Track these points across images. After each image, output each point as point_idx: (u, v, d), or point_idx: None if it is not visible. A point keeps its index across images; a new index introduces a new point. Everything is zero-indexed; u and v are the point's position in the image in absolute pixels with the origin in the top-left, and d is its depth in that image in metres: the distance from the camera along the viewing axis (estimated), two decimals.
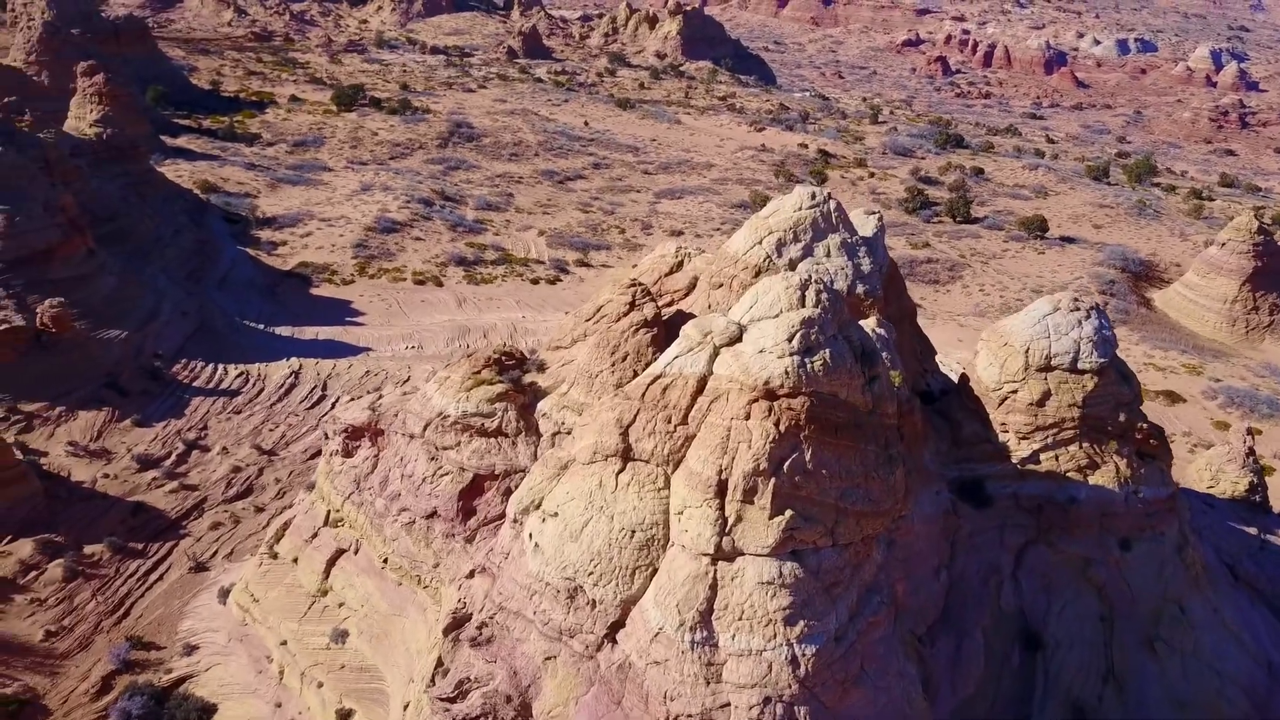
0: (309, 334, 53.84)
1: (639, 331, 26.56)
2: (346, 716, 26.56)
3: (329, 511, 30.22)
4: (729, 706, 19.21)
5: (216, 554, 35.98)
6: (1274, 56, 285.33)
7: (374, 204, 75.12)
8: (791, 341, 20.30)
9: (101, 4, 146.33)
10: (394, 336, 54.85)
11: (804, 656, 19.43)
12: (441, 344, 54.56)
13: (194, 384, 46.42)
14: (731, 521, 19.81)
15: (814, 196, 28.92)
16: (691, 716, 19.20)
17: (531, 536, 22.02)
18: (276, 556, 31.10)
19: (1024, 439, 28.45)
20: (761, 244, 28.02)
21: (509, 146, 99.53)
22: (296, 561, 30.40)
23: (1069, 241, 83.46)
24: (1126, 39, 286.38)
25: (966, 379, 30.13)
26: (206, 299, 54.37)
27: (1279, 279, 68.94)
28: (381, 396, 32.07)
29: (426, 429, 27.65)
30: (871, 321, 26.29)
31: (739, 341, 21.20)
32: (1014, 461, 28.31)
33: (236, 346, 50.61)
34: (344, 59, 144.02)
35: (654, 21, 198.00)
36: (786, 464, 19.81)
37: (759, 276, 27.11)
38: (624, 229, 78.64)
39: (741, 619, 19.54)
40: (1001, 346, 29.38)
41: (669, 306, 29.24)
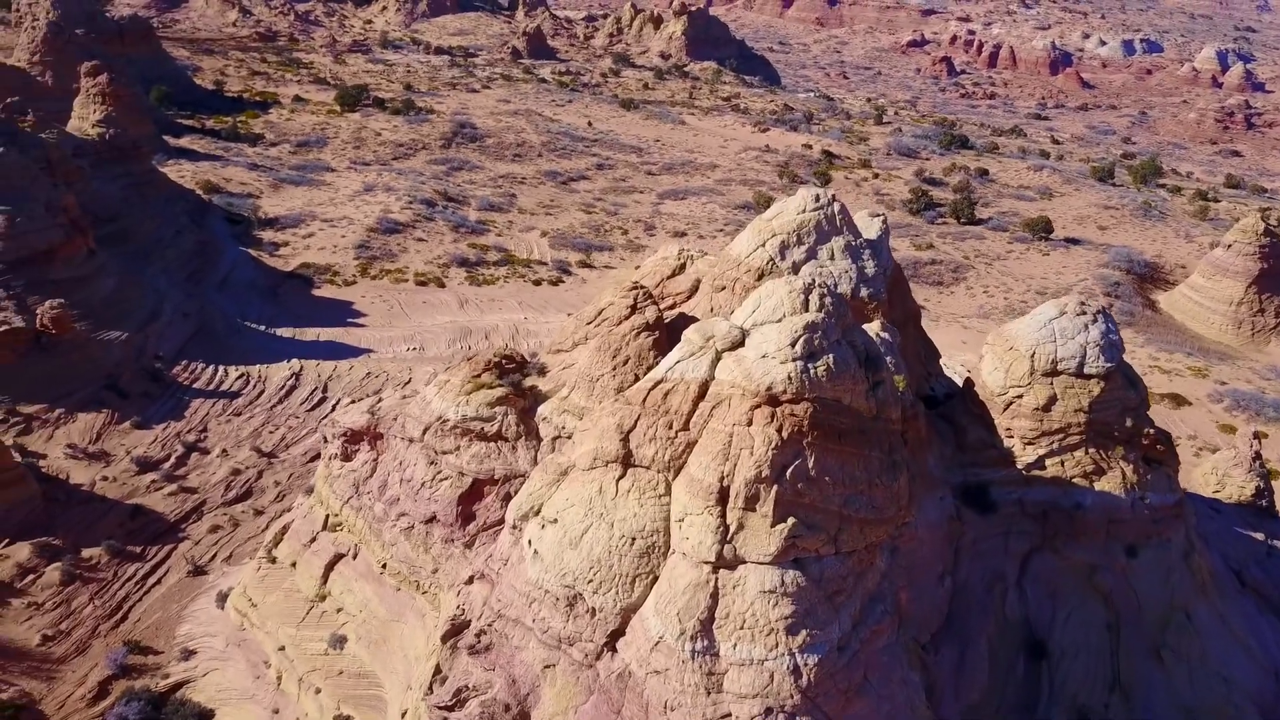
0: (310, 335, 53.64)
1: (640, 335, 26.29)
2: None
3: (327, 516, 29.99)
4: (730, 717, 18.94)
5: (215, 557, 35.79)
6: None
7: (376, 204, 74.94)
8: (794, 346, 20.03)
9: (106, 4, 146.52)
10: (395, 338, 54.64)
11: (806, 666, 19.16)
12: (443, 345, 54.34)
13: (194, 386, 46.24)
14: (733, 529, 19.55)
15: (818, 199, 28.66)
16: None
17: (531, 543, 21.77)
18: (275, 561, 30.87)
19: (1029, 444, 28.17)
20: (765, 246, 27.77)
21: (512, 147, 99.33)
22: (295, 566, 30.17)
23: (1074, 243, 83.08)
24: (1132, 39, 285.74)
25: (971, 383, 29.84)
26: (207, 300, 54.21)
27: None
28: (381, 400, 31.84)
29: (426, 433, 27.40)
30: (875, 325, 26.03)
31: (741, 346, 20.95)
32: (1019, 467, 28.02)
33: (237, 348, 50.42)
34: (348, 59, 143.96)
35: (659, 22, 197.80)
36: (789, 471, 19.54)
37: (762, 279, 26.86)
38: (627, 230, 78.40)
39: (743, 628, 19.27)
40: (1007, 350, 29.09)
41: (671, 309, 28.98)
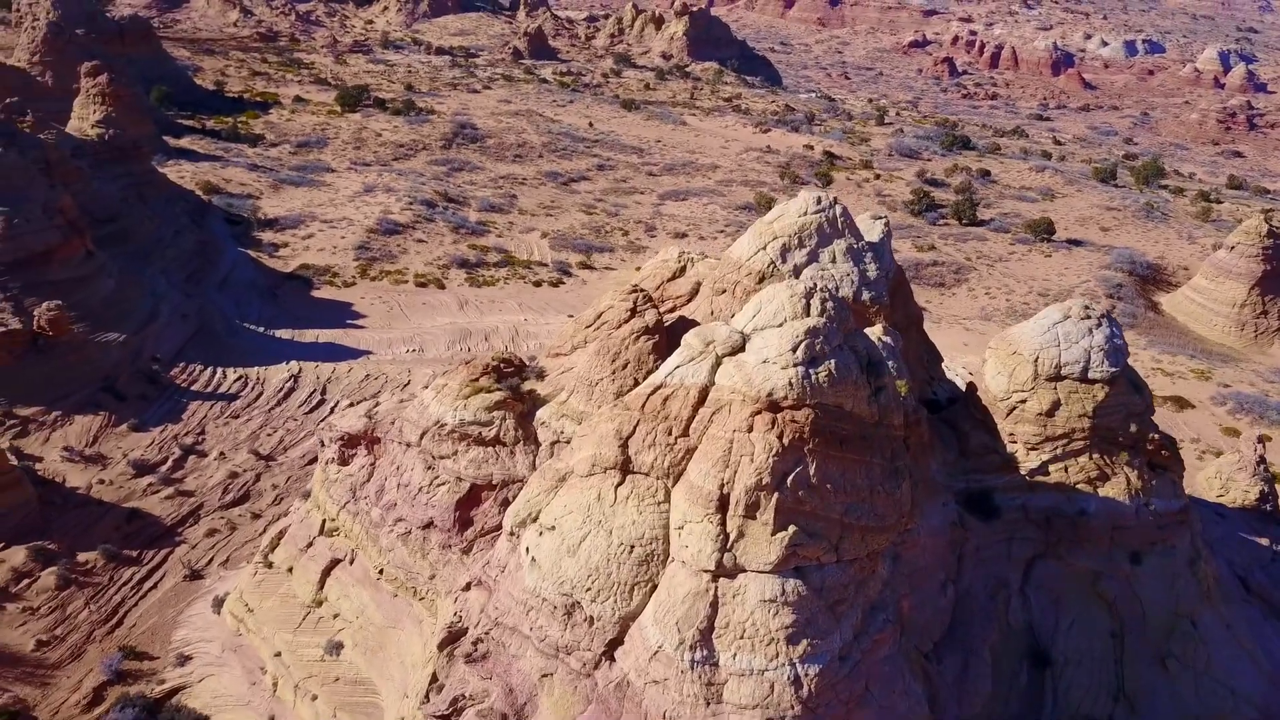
0: (309, 337, 53.40)
1: (640, 339, 26.04)
2: None
3: (324, 521, 29.73)
4: None
5: (212, 561, 35.51)
6: None
7: (376, 205, 74.69)
8: (795, 352, 19.78)
9: (107, 4, 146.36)
10: (395, 339, 54.38)
11: (807, 676, 18.91)
12: (442, 347, 54.09)
13: (192, 388, 45.99)
14: (733, 537, 19.30)
15: (819, 201, 28.40)
16: None
17: (528, 550, 21.53)
18: (271, 566, 30.62)
19: (1033, 450, 27.88)
20: (766, 249, 27.52)
21: (513, 148, 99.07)
22: (291, 571, 29.92)
23: (1076, 244, 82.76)
24: (1134, 40, 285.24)
25: (974, 388, 29.55)
26: (206, 301, 53.96)
27: None
28: (378, 403, 31.58)
29: (423, 437, 27.15)
30: (877, 329, 25.74)
31: (742, 351, 20.70)
32: (1022, 473, 27.73)
33: (236, 349, 50.17)
34: (349, 59, 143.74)
35: (660, 22, 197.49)
36: (790, 478, 19.29)
37: (763, 282, 26.63)
38: (628, 231, 78.13)
39: (743, 637, 19.03)
40: (1010, 355, 28.81)
41: (671, 313, 28.74)
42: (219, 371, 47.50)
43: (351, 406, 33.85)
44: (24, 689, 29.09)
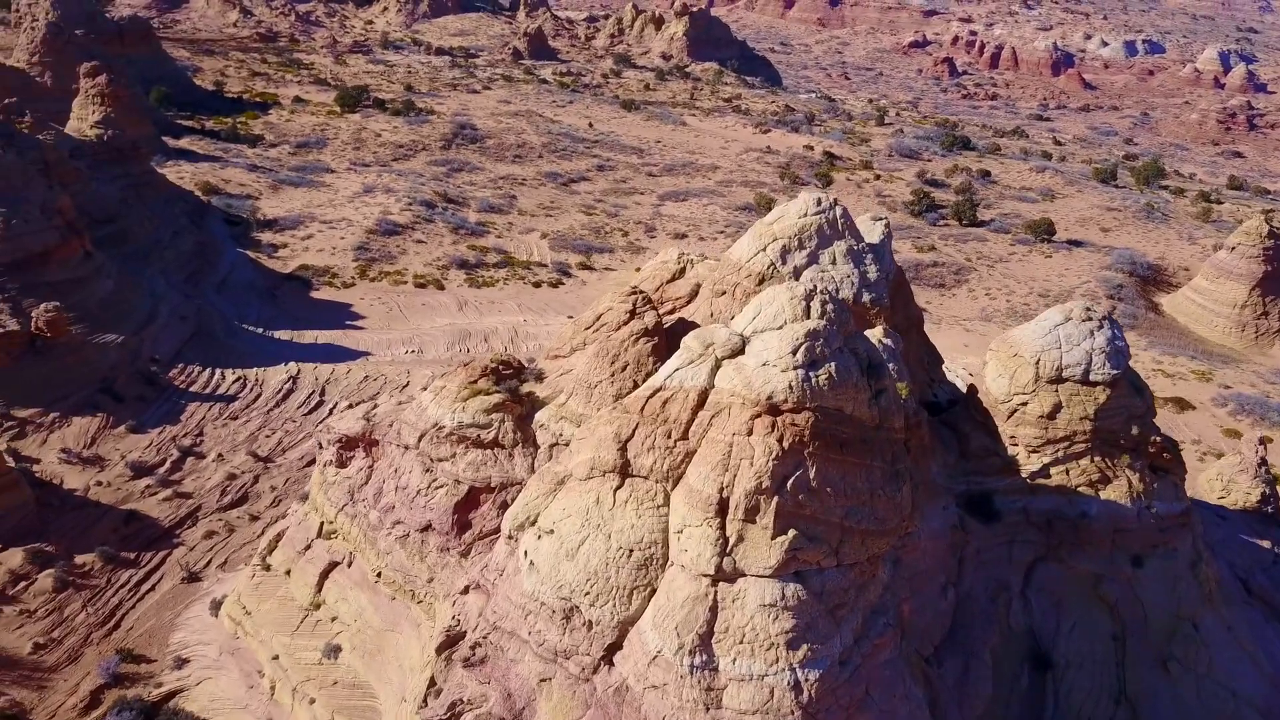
0: (308, 338, 53.28)
1: (639, 341, 25.91)
2: None
3: (322, 523, 29.59)
4: None
5: (210, 564, 35.37)
6: None
7: (376, 206, 74.58)
8: (795, 354, 19.66)
9: (107, 4, 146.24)
10: (394, 340, 54.26)
11: (807, 681, 18.79)
12: (442, 348, 53.97)
13: (190, 389, 45.85)
14: (733, 541, 19.18)
15: (819, 202, 28.30)
16: None
17: (527, 554, 21.41)
18: (269, 568, 30.49)
19: (1034, 452, 27.77)
20: (766, 251, 27.41)
21: (513, 148, 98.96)
22: (289, 574, 29.78)
23: (1076, 245, 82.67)
24: (1134, 40, 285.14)
25: (975, 390, 29.45)
26: (205, 302, 53.84)
27: None
28: (376, 406, 31.44)
29: (421, 440, 27.03)
30: (878, 331, 25.66)
31: (741, 354, 20.58)
32: (1023, 475, 27.62)
33: (234, 350, 50.03)
34: (349, 60, 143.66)
35: (660, 23, 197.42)
36: (790, 482, 19.17)
37: (763, 284, 26.53)
38: (627, 232, 78.02)
39: (742, 642, 18.91)
40: (1011, 357, 28.69)
41: (670, 314, 28.61)
42: (217, 373, 47.37)
43: (350, 408, 33.75)
44: (21, 692, 28.96)
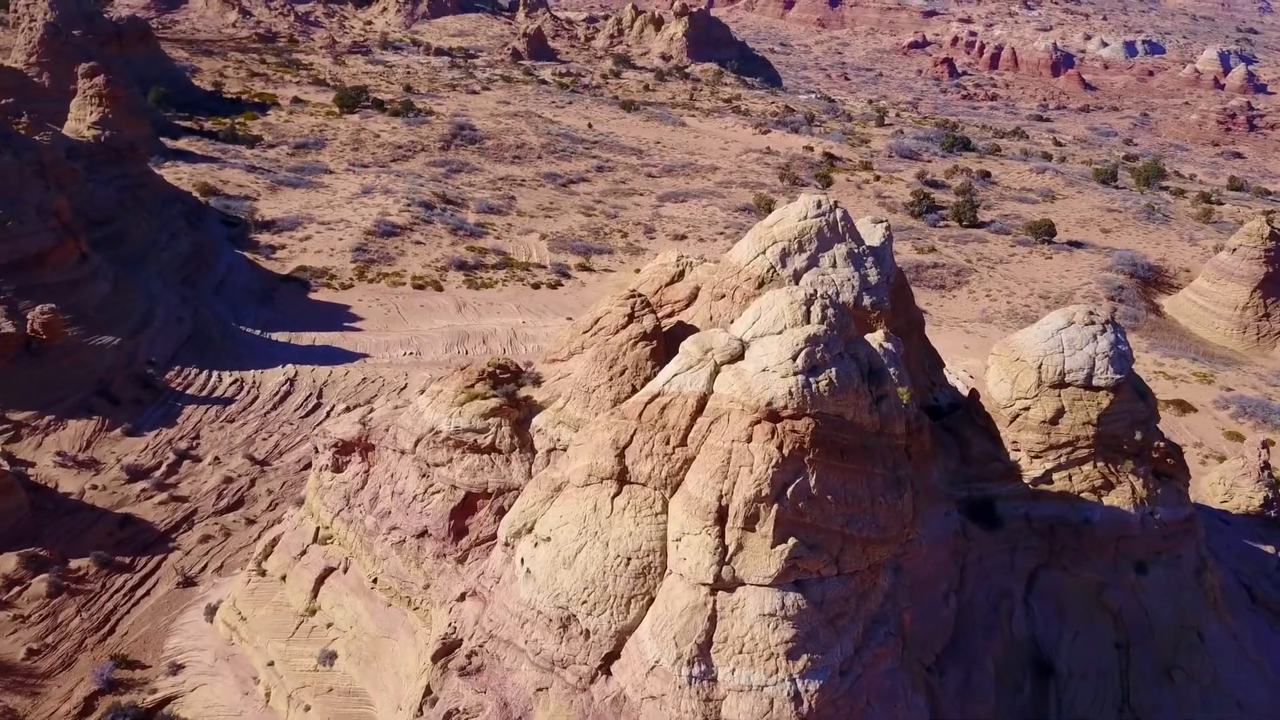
0: (306, 340, 52.98)
1: (638, 344, 25.66)
2: None
3: (318, 528, 29.33)
4: None
5: (206, 568, 35.11)
6: None
7: (374, 207, 74.34)
8: (796, 360, 19.40)
9: (105, 5, 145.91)
10: (392, 342, 53.99)
11: (807, 692, 18.52)
12: (440, 350, 53.70)
13: (187, 392, 45.56)
14: (732, 550, 18.91)
15: (819, 205, 28.05)
16: None
17: (523, 562, 21.15)
18: (265, 573, 30.23)
19: (1036, 458, 27.50)
20: (765, 254, 27.15)
21: (512, 149, 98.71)
22: (285, 579, 29.51)
23: (1077, 246, 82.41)
24: (1134, 41, 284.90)
25: (976, 395, 29.18)
26: (202, 304, 53.53)
27: None
28: (372, 410, 31.17)
29: (418, 445, 26.77)
30: (879, 335, 25.41)
31: (741, 359, 20.31)
32: (1026, 481, 27.36)
33: (231, 353, 49.72)
34: (348, 60, 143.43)
35: (659, 23, 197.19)
36: (790, 489, 18.91)
37: (763, 288, 26.28)
38: (627, 233, 77.76)
39: (742, 652, 18.64)
40: (1013, 361, 28.43)
41: (669, 318, 28.33)
42: (214, 375, 47.07)
43: (347, 412, 33.46)
44: (14, 698, 28.70)
